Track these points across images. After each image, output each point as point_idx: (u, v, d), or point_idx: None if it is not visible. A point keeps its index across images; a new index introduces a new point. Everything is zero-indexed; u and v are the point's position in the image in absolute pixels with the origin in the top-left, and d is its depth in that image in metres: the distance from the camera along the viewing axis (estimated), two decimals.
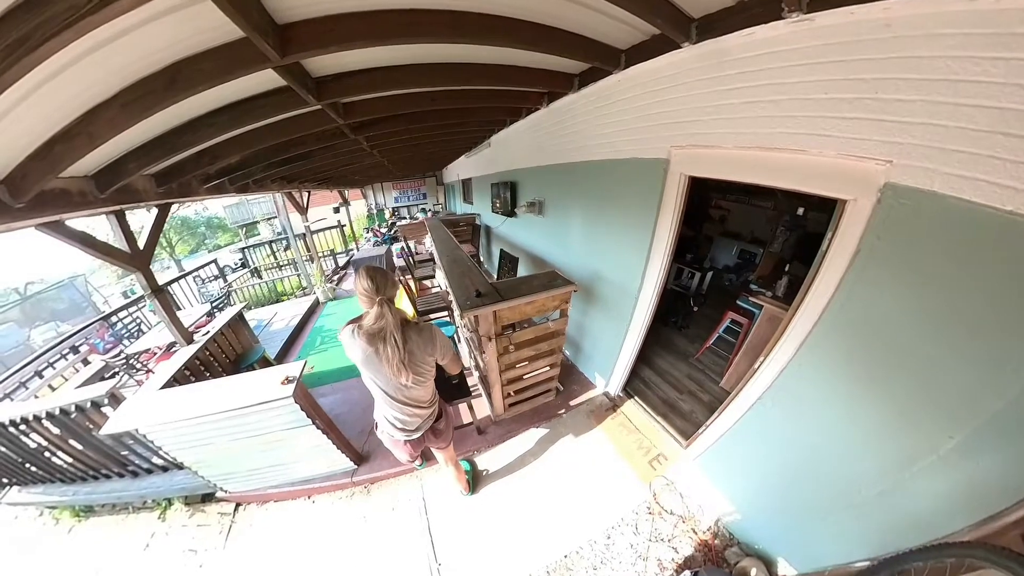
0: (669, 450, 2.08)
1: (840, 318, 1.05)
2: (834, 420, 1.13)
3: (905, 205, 0.86)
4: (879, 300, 0.96)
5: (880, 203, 0.90)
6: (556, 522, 1.78)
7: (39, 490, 2.43)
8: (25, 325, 7.22)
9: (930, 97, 0.77)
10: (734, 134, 1.25)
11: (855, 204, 0.95)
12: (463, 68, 1.60)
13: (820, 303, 1.09)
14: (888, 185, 0.87)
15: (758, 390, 1.35)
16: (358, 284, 1.10)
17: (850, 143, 0.93)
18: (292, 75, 1.21)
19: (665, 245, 1.75)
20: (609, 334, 2.41)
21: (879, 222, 0.91)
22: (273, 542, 1.96)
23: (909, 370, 0.92)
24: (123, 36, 0.82)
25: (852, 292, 1.01)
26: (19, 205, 1.25)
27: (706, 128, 1.36)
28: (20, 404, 2.27)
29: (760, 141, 1.16)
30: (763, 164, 1.18)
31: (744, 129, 1.21)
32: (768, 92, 1.10)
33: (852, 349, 1.04)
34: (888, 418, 0.98)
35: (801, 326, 1.16)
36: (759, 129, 1.16)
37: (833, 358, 1.10)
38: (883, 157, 0.87)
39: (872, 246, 0.94)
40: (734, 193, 4.09)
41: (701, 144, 1.41)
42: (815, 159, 1.02)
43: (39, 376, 3.56)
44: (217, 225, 18.20)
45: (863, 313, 1.00)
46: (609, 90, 1.80)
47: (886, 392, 0.98)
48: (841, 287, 1.03)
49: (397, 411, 1.29)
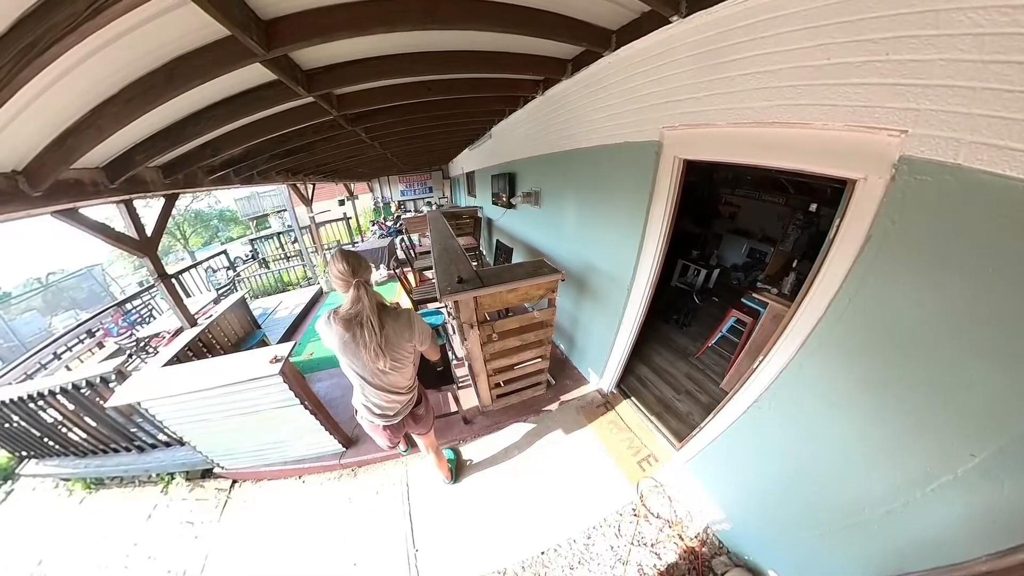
0: (661, 451, 2.09)
1: (848, 314, 0.96)
2: (838, 428, 1.05)
3: (924, 182, 0.75)
4: (893, 294, 0.85)
5: (894, 180, 0.80)
6: (536, 517, 1.82)
7: (55, 463, 2.70)
8: (47, 313, 7.82)
9: (951, 55, 0.68)
10: (729, 110, 1.18)
11: (865, 183, 0.86)
12: (453, 56, 1.64)
13: (825, 298, 1.00)
14: (903, 159, 0.78)
15: (755, 392, 1.30)
16: (333, 268, 1.13)
17: (859, 112, 0.84)
18: (280, 68, 1.30)
19: (658, 235, 1.70)
20: (601, 328, 2.42)
21: (893, 203, 0.81)
22: (264, 518, 2.12)
23: (926, 375, 0.82)
24: (122, 37, 0.95)
25: (862, 285, 0.91)
26: (36, 194, 1.42)
27: (699, 106, 1.30)
28: (37, 381, 2.51)
29: (758, 116, 1.09)
30: (761, 141, 1.11)
31: (739, 104, 1.14)
32: (764, 62, 1.03)
33: (861, 349, 0.95)
34: (900, 429, 0.89)
35: (804, 323, 1.08)
36: (756, 103, 1.08)
37: (839, 359, 1.01)
38: (897, 126, 0.78)
39: (885, 231, 0.84)
40: (744, 188, 4.03)
41: (694, 123, 1.35)
42: (819, 133, 0.93)
43: (57, 358, 3.90)
44: (229, 218, 19.00)
45: (874, 309, 0.90)
46: (601, 74, 1.80)
47: (898, 400, 0.88)
48: (849, 279, 0.93)
49: (375, 397, 1.32)
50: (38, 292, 8.08)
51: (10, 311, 7.15)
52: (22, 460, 2.79)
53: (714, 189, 4.36)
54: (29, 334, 6.99)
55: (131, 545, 2.14)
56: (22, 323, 7.16)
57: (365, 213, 11.44)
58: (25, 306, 7.66)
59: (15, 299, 7.81)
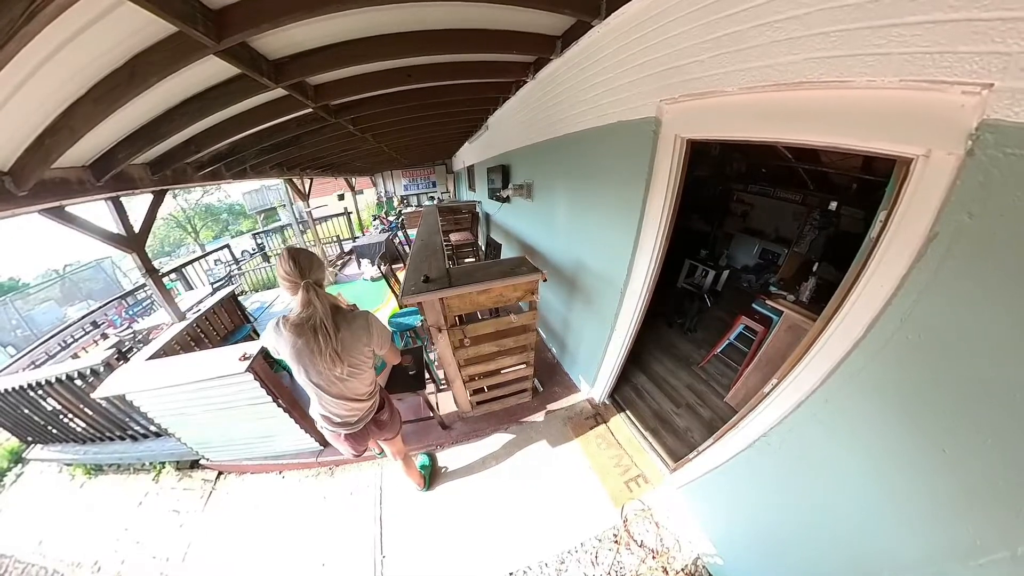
0: (652, 472, 2.02)
1: (897, 341, 0.76)
2: (866, 480, 0.90)
3: (1017, 158, 0.56)
4: (968, 318, 0.65)
5: (971, 156, 0.60)
6: (509, 535, 1.80)
7: (57, 448, 2.93)
8: (63, 303, 8.42)
9: None
10: (742, 71, 0.98)
11: (926, 162, 0.67)
12: (430, 36, 1.57)
13: (864, 316, 0.81)
14: (985, 126, 0.58)
15: (765, 423, 1.15)
16: (279, 268, 1.09)
17: (919, 62, 0.64)
18: (239, 59, 1.29)
19: (657, 231, 1.53)
20: (592, 334, 2.33)
21: (970, 189, 0.61)
22: (244, 512, 2.23)
23: (1000, 429, 0.64)
24: (74, 39, 1.01)
25: (920, 303, 0.71)
26: (22, 193, 1.53)
27: (703, 70, 1.11)
28: (34, 371, 2.73)
29: (779, 76, 0.87)
30: (784, 109, 0.91)
31: (755, 62, 0.93)
32: (788, 5, 0.83)
33: (913, 387, 0.75)
34: (950, 491, 0.73)
35: (832, 348, 0.90)
36: (777, 58, 0.87)
37: (880, 399, 0.82)
38: (976, 80, 0.58)
39: (959, 228, 0.64)
40: (759, 183, 3.89)
41: (699, 92, 1.14)
42: (862, 94, 0.73)
43: (66, 347, 4.21)
44: (239, 212, 19.83)
45: (938, 333, 0.70)
46: (591, 48, 1.67)
47: (956, 457, 0.71)
48: (901, 294, 0.74)
49: (333, 406, 1.28)
50: (54, 283, 8.71)
51: (28, 301, 7.74)
52: (29, 445, 3.05)
53: (726, 184, 4.23)
54: (46, 323, 7.56)
55: (122, 530, 2.32)
56: (40, 312, 7.74)
57: (368, 208, 11.68)
58: (43, 296, 8.28)
59: (33, 289, 8.44)
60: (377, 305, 3.69)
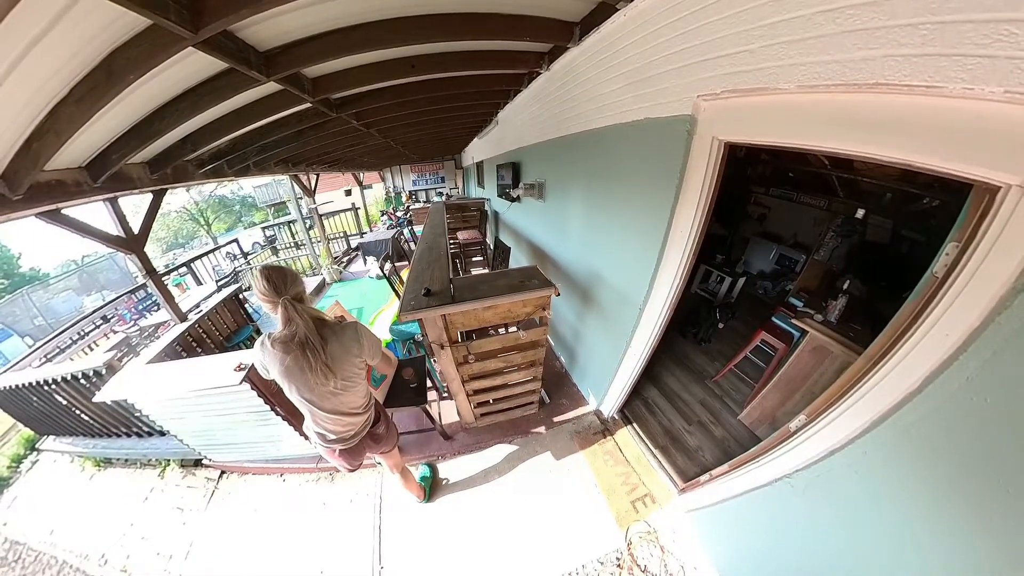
0: (660, 491, 1.94)
1: (973, 391, 0.65)
2: (898, 543, 0.82)
3: None
4: None
5: None
6: (508, 552, 1.76)
7: (69, 441, 2.99)
8: (81, 293, 8.65)
9: None
10: (802, 65, 0.82)
11: (1023, 194, 0.57)
12: (431, 21, 1.43)
13: (923, 365, 0.71)
14: None
15: (789, 464, 1.04)
16: (255, 287, 1.08)
17: None
18: (223, 51, 1.20)
19: (685, 245, 1.35)
20: (605, 351, 2.20)
21: None
22: (245, 513, 2.23)
23: None
24: (43, 38, 0.93)
25: (995, 361, 0.62)
26: (16, 197, 1.49)
27: (753, 62, 0.94)
28: (39, 369, 2.75)
29: (849, 74, 0.74)
30: (851, 116, 0.76)
31: (819, 56, 0.78)
32: None
33: (988, 450, 0.65)
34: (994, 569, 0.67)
35: (878, 395, 0.80)
36: (848, 53, 0.73)
37: (934, 462, 0.73)
38: None
39: None
40: (782, 187, 3.67)
41: (745, 88, 0.98)
42: (955, 103, 0.61)
43: (80, 338, 4.28)
44: (251, 204, 20.09)
45: (1012, 404, 0.61)
46: (614, 35, 1.49)
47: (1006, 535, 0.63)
48: (973, 347, 0.64)
49: (328, 422, 1.26)
50: (72, 274, 8.94)
51: (49, 291, 7.97)
52: (42, 436, 3.13)
53: (747, 187, 4.01)
54: (65, 312, 7.78)
55: (128, 525, 2.34)
56: (60, 302, 7.97)
57: (376, 203, 11.65)
58: (63, 286, 8.51)
59: (53, 280, 8.69)
60: (382, 306, 3.63)
